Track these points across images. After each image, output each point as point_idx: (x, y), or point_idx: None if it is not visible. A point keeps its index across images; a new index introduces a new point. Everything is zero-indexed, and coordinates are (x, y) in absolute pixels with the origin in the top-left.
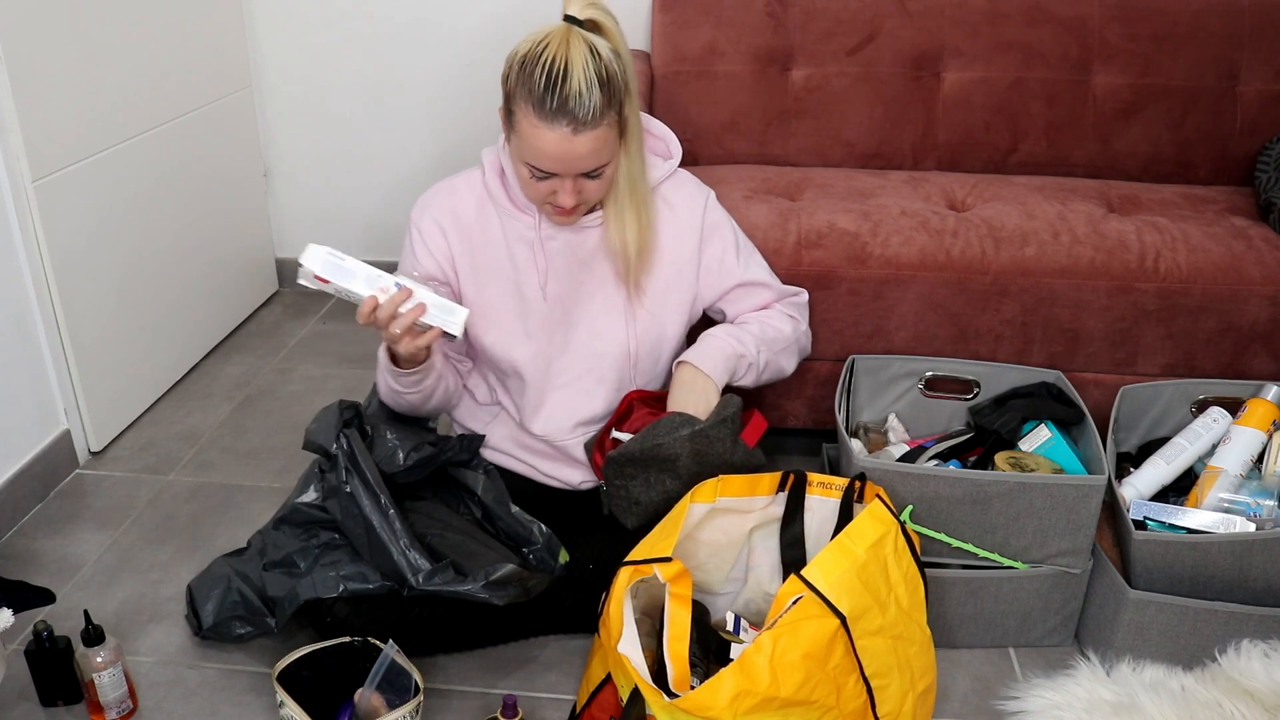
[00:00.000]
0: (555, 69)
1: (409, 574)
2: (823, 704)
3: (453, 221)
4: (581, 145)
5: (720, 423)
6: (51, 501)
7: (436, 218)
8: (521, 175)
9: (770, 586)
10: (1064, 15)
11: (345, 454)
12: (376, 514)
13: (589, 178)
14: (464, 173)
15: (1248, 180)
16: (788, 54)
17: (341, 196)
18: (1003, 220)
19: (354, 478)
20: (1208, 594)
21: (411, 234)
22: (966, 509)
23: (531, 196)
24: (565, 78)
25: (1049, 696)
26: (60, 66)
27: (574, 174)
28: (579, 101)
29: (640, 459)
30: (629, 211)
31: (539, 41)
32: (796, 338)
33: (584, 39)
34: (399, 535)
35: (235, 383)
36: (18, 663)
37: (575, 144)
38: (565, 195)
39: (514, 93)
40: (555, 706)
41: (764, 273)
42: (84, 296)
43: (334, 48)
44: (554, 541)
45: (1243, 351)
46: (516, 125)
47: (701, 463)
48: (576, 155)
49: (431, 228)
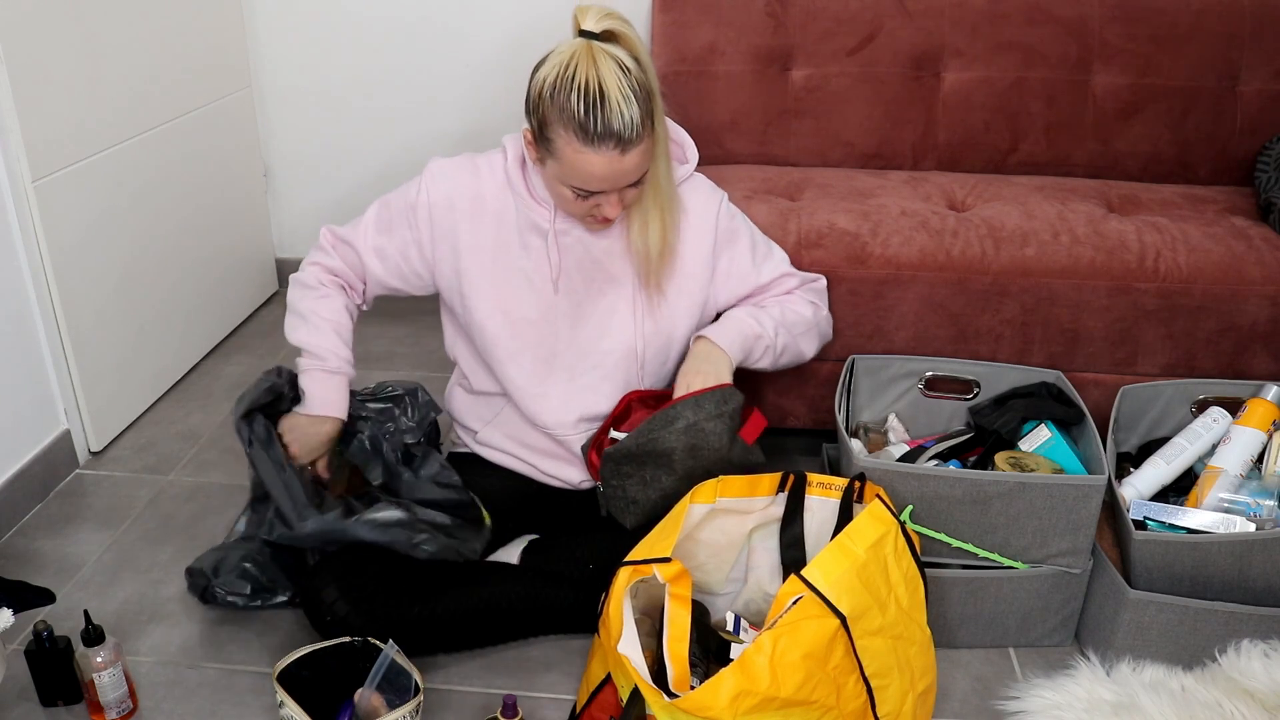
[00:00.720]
0: (591, 92)
1: (294, 519)
2: (823, 704)
3: (470, 201)
4: (629, 162)
5: (717, 416)
6: (51, 501)
7: (452, 193)
8: (563, 196)
9: (770, 587)
10: (1064, 15)
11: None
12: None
13: (632, 186)
14: (485, 154)
15: (1248, 180)
16: (788, 54)
17: (341, 196)
18: (1003, 220)
19: (255, 446)
20: (1208, 594)
21: (417, 192)
22: (966, 509)
23: (573, 212)
24: (603, 100)
25: (1049, 696)
26: (60, 66)
27: (620, 189)
28: (622, 121)
29: (636, 455)
30: (653, 213)
31: (565, 65)
32: (816, 321)
33: (609, 55)
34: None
35: (235, 383)
36: (18, 663)
37: (624, 163)
38: (612, 208)
39: (548, 120)
40: (555, 706)
41: (780, 265)
42: (84, 296)
43: (334, 47)
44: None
45: (1243, 351)
46: (557, 152)
47: (697, 457)
48: (624, 172)
49: (442, 201)
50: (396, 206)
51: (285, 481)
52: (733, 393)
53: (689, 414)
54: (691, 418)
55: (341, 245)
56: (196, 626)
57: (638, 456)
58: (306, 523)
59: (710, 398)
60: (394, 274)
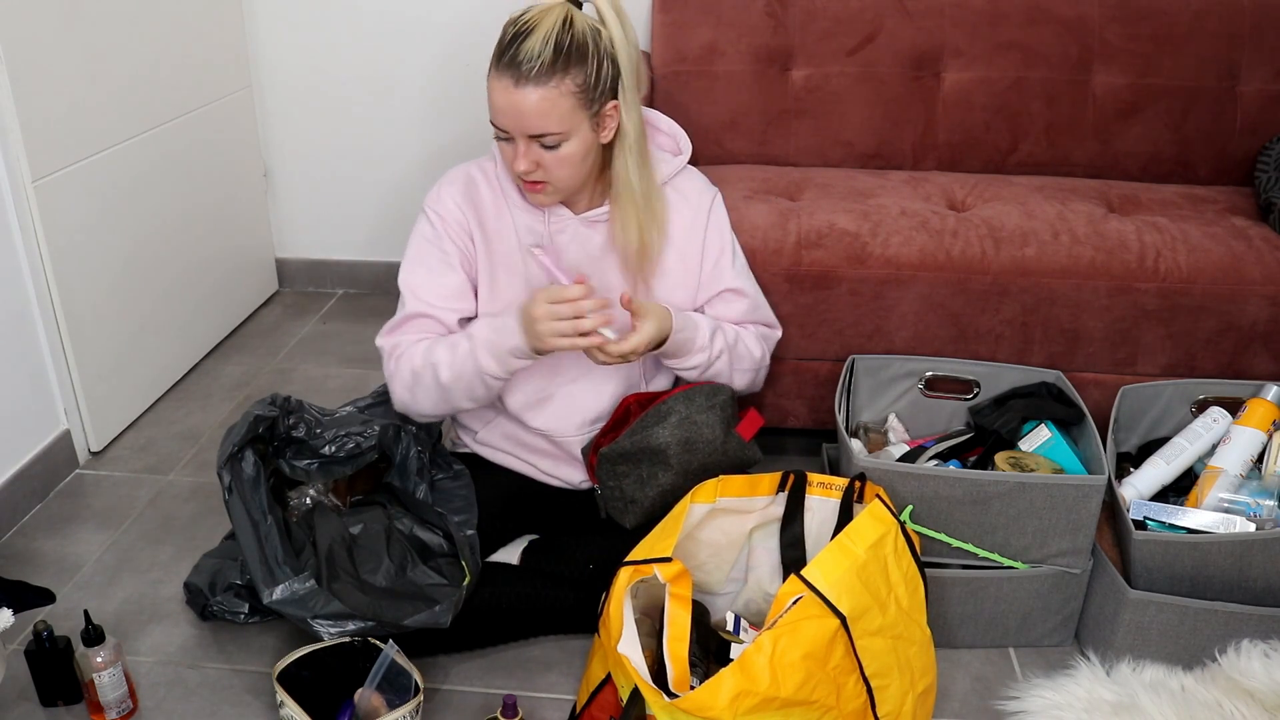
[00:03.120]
0: (521, 26)
1: (262, 586)
2: (823, 704)
3: (473, 212)
4: (523, 99)
5: (708, 409)
6: (51, 501)
7: (455, 211)
8: (496, 139)
9: (770, 587)
10: (1064, 15)
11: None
12: (248, 522)
13: (544, 147)
14: (475, 162)
15: (1248, 180)
16: (788, 54)
17: (341, 196)
18: (1003, 220)
19: (234, 495)
20: (1208, 594)
21: (428, 222)
22: (966, 509)
23: (504, 165)
24: (526, 36)
25: (1049, 696)
26: (60, 66)
27: (523, 134)
28: (527, 55)
29: (631, 454)
30: (629, 210)
31: (529, 8)
32: (758, 366)
33: (567, 11)
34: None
35: (235, 383)
36: (18, 663)
37: (517, 97)
38: (518, 159)
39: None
40: (555, 706)
41: (752, 287)
42: (84, 296)
43: (334, 47)
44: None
45: (1243, 351)
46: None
47: (692, 451)
48: (518, 110)
49: (450, 219)
50: (429, 246)
51: (262, 536)
52: (721, 386)
53: (680, 408)
54: (684, 411)
55: (403, 328)
56: (196, 626)
57: (633, 455)
58: (274, 590)
59: (700, 391)
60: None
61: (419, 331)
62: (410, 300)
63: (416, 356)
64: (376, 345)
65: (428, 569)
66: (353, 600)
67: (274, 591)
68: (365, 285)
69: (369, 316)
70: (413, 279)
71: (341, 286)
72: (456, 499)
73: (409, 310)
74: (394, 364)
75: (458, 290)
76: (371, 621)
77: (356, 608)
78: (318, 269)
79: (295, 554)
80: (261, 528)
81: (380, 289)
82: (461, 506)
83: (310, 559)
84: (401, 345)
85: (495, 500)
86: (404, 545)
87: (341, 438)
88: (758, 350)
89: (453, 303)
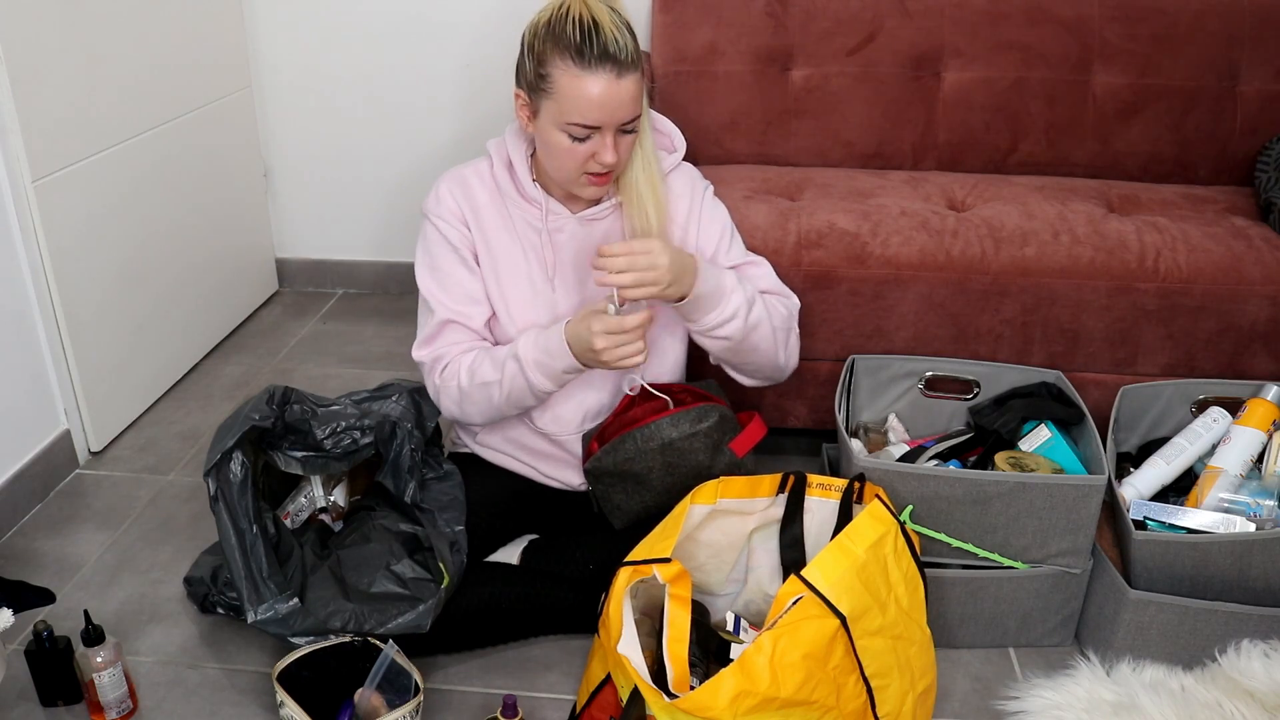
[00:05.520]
0: (586, 22)
1: (247, 604)
2: (823, 704)
3: (472, 213)
4: (625, 90)
5: (692, 435)
6: (51, 501)
7: (456, 210)
8: (558, 145)
9: (770, 587)
10: (1064, 15)
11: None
12: (232, 532)
13: (625, 132)
14: (470, 164)
15: (1248, 180)
16: (788, 54)
17: (342, 196)
18: (1003, 220)
19: (219, 503)
20: (1208, 594)
21: (434, 228)
22: (966, 509)
23: (568, 167)
24: (598, 27)
25: (1049, 696)
26: (60, 66)
27: (617, 124)
28: (617, 45)
29: (615, 472)
30: (645, 188)
31: (558, 6)
32: (790, 327)
33: (601, 1)
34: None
35: (235, 383)
36: (18, 663)
37: (620, 88)
38: (608, 151)
39: (545, 56)
40: (555, 706)
41: (763, 266)
42: (84, 296)
43: (334, 47)
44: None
45: (1243, 351)
46: (555, 87)
47: (675, 474)
48: (620, 100)
49: (454, 220)
50: (441, 249)
51: (247, 547)
52: (711, 409)
53: (666, 432)
54: (669, 436)
55: (439, 338)
56: (196, 626)
57: (616, 474)
58: (257, 610)
59: (686, 416)
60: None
61: (453, 341)
62: (437, 308)
63: (462, 376)
64: (414, 358)
65: (413, 562)
66: (335, 607)
67: (256, 611)
68: (365, 285)
69: (369, 316)
70: (433, 284)
71: (341, 286)
72: (445, 498)
73: (439, 318)
74: (439, 379)
75: (478, 291)
76: (351, 633)
77: (338, 616)
78: (318, 269)
79: (281, 563)
80: (247, 537)
81: (380, 289)
82: (449, 504)
83: (298, 570)
84: (443, 356)
85: (495, 500)
86: (389, 543)
87: (338, 432)
88: (783, 309)
89: (477, 305)
